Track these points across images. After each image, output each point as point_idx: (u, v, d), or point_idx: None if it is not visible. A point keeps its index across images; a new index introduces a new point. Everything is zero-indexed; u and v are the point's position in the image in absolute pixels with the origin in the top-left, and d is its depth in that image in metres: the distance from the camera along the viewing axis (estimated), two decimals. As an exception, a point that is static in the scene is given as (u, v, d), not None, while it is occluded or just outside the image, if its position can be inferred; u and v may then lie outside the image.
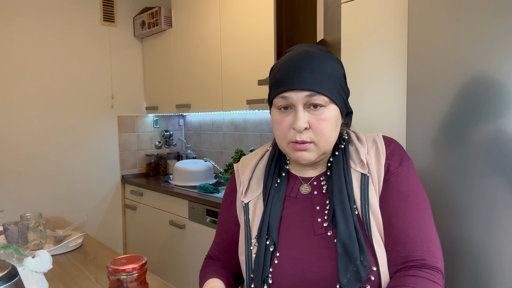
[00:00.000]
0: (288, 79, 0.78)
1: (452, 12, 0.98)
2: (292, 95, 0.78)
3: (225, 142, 2.97)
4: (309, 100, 0.78)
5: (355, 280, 0.73)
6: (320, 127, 0.79)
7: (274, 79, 0.82)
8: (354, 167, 0.84)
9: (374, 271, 0.75)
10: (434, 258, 0.75)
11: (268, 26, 2.06)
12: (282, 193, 0.87)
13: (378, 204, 0.80)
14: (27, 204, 2.64)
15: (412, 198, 0.80)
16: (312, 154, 0.81)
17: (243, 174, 0.94)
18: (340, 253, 0.75)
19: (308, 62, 0.79)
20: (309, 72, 0.78)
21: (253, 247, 0.84)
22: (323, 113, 0.79)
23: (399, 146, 0.87)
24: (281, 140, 0.83)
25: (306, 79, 0.77)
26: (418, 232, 0.76)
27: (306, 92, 0.77)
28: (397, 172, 0.82)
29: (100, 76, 2.94)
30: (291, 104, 0.79)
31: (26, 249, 1.35)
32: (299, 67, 0.79)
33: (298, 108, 0.78)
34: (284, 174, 0.90)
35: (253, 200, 0.89)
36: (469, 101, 0.96)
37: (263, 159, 0.95)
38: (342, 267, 0.74)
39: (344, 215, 0.78)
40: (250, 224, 0.87)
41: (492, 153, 0.93)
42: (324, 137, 0.79)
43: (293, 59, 0.80)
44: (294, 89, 0.77)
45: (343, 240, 0.76)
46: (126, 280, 0.81)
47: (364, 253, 0.75)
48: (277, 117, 0.82)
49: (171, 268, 2.59)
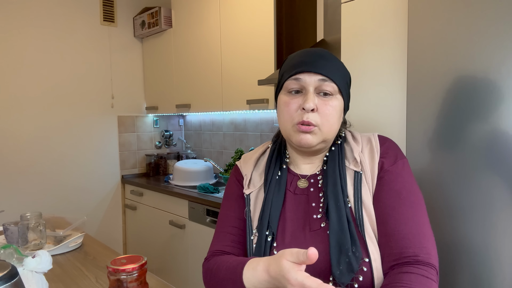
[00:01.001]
0: (303, 62, 0.82)
1: (452, 12, 0.98)
2: (305, 77, 0.82)
3: (225, 142, 2.97)
4: (321, 85, 0.81)
5: (348, 271, 0.74)
6: (327, 112, 0.82)
7: (287, 65, 0.86)
8: (348, 165, 0.86)
9: (366, 262, 0.76)
10: (427, 254, 0.75)
11: (268, 26, 2.06)
12: (283, 186, 0.89)
13: (371, 201, 0.81)
14: (27, 204, 2.64)
15: (406, 195, 0.80)
16: (315, 138, 0.82)
17: (245, 167, 0.96)
18: (332, 245, 0.76)
19: (323, 53, 0.84)
20: (323, 59, 0.83)
21: (254, 237, 0.86)
22: (331, 100, 0.82)
23: (394, 144, 0.88)
24: (286, 122, 0.85)
25: (320, 64, 0.82)
26: (411, 229, 0.77)
27: (319, 76, 0.81)
28: (391, 170, 0.83)
29: (100, 76, 2.94)
30: (302, 86, 0.82)
31: (26, 249, 1.35)
32: (314, 55, 0.83)
33: (309, 90, 0.82)
34: (284, 167, 0.92)
35: (254, 192, 0.91)
36: (468, 101, 0.96)
37: (264, 154, 0.97)
38: (334, 259, 0.75)
39: (337, 207, 0.80)
40: (251, 215, 0.89)
41: (491, 154, 0.93)
42: (328, 122, 0.82)
43: (308, 49, 0.86)
44: (309, 71, 0.81)
45: (335, 232, 0.77)
46: (126, 280, 0.81)
47: (355, 244, 0.76)
48: (285, 99, 0.84)
49: (171, 268, 2.59)
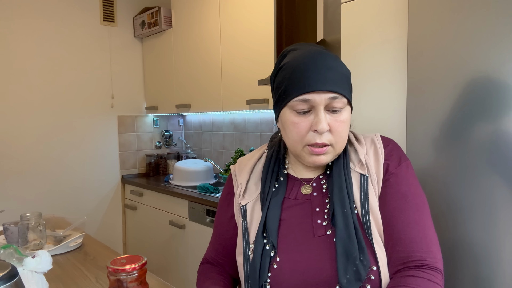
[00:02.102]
0: (310, 79, 0.74)
1: (452, 12, 0.98)
2: (315, 97, 0.75)
3: (225, 142, 2.97)
4: (331, 103, 0.75)
5: (355, 280, 0.73)
6: (339, 129, 0.78)
7: (290, 78, 0.77)
8: (353, 168, 0.83)
9: (374, 270, 0.74)
10: (434, 258, 0.75)
11: (268, 26, 2.06)
12: (281, 196, 0.86)
13: (377, 205, 0.80)
14: (27, 204, 2.64)
15: (412, 198, 0.80)
16: (329, 157, 0.80)
17: (240, 175, 0.93)
18: (339, 253, 0.74)
19: (327, 61, 0.76)
20: (330, 72, 0.75)
21: (251, 253, 0.83)
22: (342, 115, 0.78)
23: (397, 146, 0.87)
24: (296, 142, 0.79)
25: (330, 80, 0.74)
26: (418, 233, 0.76)
27: (330, 94, 0.75)
28: (396, 173, 0.82)
29: (100, 76, 2.94)
30: (311, 106, 0.76)
31: (26, 249, 1.35)
32: (322, 68, 0.75)
33: (320, 109, 0.75)
34: (282, 179, 0.88)
35: (250, 202, 0.88)
36: (469, 101, 0.96)
37: (260, 161, 0.94)
38: (341, 267, 0.73)
39: (343, 214, 0.77)
40: (248, 226, 0.86)
41: (492, 153, 0.93)
42: (342, 139, 0.79)
43: (310, 56, 0.76)
44: (318, 90, 0.74)
45: (342, 239, 0.75)
46: (126, 280, 0.81)
47: (363, 252, 0.74)
48: (293, 119, 0.78)
49: (171, 268, 2.59)
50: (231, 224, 0.93)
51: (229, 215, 0.93)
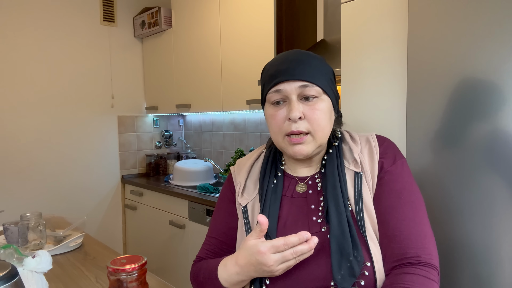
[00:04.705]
0: (280, 71, 0.80)
1: (452, 12, 0.98)
2: (285, 86, 0.80)
3: (225, 142, 2.97)
4: (303, 91, 0.80)
5: (349, 275, 0.73)
6: (315, 116, 0.80)
7: (266, 76, 0.84)
8: (348, 166, 0.85)
9: (368, 266, 0.75)
10: (429, 255, 0.75)
11: (268, 26, 2.06)
12: (279, 194, 0.87)
13: (372, 202, 0.81)
14: (27, 204, 2.64)
15: (406, 195, 0.80)
16: (309, 146, 0.82)
17: (239, 174, 0.95)
18: (334, 249, 0.75)
19: (298, 56, 0.82)
20: (300, 64, 0.80)
21: None
22: (317, 103, 0.81)
23: (393, 144, 0.87)
24: (276, 134, 0.84)
25: (298, 70, 0.79)
26: (412, 230, 0.77)
27: (299, 83, 0.79)
28: (390, 170, 0.82)
29: (100, 76, 2.94)
30: (284, 96, 0.81)
31: (26, 249, 1.35)
32: (291, 61, 0.81)
33: (292, 98, 0.80)
34: (280, 174, 0.90)
35: (250, 202, 0.90)
36: (469, 101, 0.96)
37: (258, 160, 0.96)
38: (335, 264, 0.74)
39: (337, 211, 0.78)
40: (250, 226, 0.87)
41: (491, 153, 0.93)
42: (320, 127, 0.81)
43: (283, 55, 0.84)
44: (287, 79, 0.79)
45: (336, 236, 0.76)
46: (126, 280, 0.81)
47: (357, 248, 0.75)
48: (271, 112, 0.83)
49: (171, 268, 2.59)
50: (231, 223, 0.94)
51: (230, 214, 0.94)
